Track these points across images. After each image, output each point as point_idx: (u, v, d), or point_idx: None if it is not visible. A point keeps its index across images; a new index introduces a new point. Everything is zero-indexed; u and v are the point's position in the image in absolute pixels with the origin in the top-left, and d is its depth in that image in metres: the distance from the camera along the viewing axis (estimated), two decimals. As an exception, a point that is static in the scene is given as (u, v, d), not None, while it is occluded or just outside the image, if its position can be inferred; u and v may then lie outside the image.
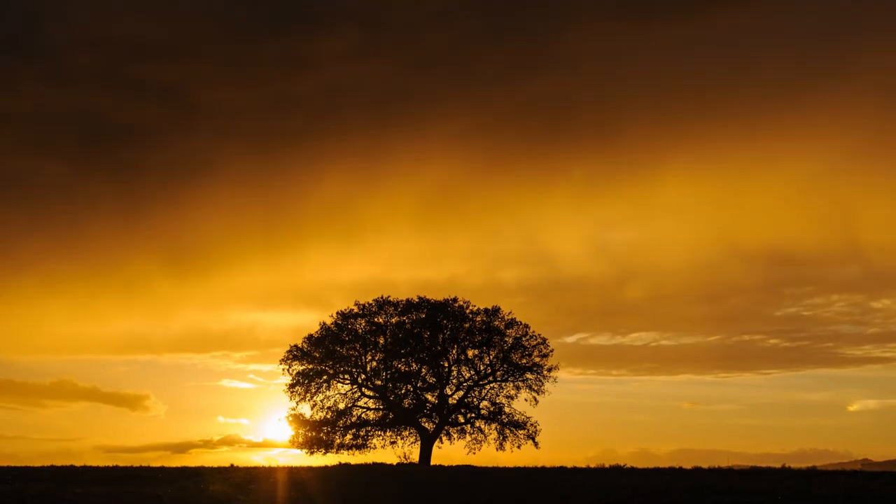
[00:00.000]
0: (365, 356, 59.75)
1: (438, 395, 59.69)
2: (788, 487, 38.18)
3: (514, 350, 59.87)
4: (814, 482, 40.76)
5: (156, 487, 38.38)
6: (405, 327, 59.49)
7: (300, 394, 59.81)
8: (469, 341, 59.80)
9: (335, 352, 59.53)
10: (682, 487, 37.83)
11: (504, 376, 60.15)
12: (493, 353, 59.99)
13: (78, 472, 46.59)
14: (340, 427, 59.40)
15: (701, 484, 39.18)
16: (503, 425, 59.63)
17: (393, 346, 59.18)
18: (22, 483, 40.22)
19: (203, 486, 39.08)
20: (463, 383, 60.14)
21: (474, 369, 60.14)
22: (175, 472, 46.11)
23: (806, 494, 35.51)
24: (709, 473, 46.86)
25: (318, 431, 59.30)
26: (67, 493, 35.93)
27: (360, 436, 59.50)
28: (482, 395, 60.24)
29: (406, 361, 59.56)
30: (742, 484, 39.41)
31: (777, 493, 35.72)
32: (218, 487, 38.62)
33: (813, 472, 49.35)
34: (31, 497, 34.92)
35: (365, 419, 59.87)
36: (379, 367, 59.70)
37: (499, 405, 59.95)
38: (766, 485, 39.25)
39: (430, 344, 59.30)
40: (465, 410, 60.10)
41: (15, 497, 34.92)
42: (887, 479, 42.24)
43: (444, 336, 59.54)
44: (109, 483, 40.65)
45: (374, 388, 59.81)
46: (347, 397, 60.09)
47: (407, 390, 59.48)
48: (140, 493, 36.48)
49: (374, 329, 59.64)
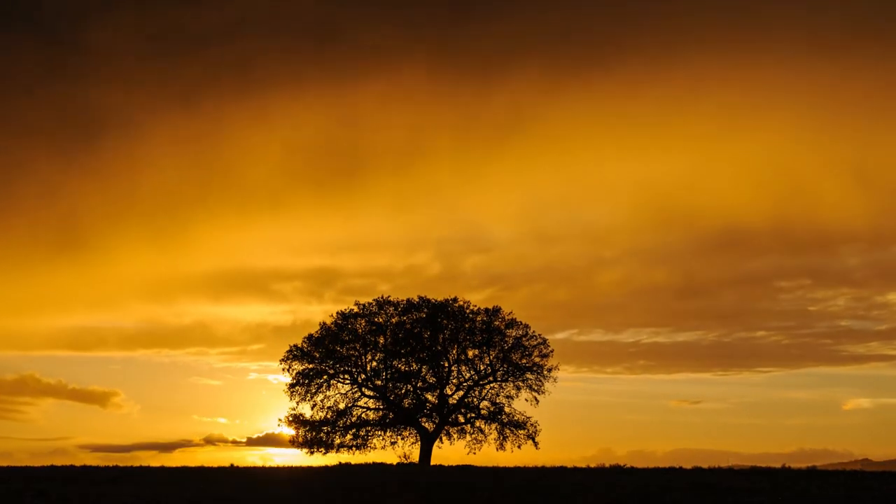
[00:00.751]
0: (365, 356, 59.78)
1: (438, 395, 59.72)
2: (788, 487, 38.15)
3: (515, 350, 59.90)
4: (814, 482, 40.72)
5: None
6: (405, 327, 59.52)
7: (300, 394, 59.88)
8: (469, 341, 59.82)
9: (335, 352, 59.57)
10: (681, 487, 37.81)
11: (504, 376, 60.18)
12: (494, 353, 60.02)
13: (78, 472, 46.60)
14: (340, 427, 59.43)
15: (701, 483, 39.14)
16: (503, 425, 59.67)
17: (393, 346, 59.21)
18: (19, 483, 40.20)
19: (210, 487, 39.06)
20: (463, 383, 60.19)
21: (474, 369, 60.17)
22: (177, 473, 46.11)
23: (806, 494, 35.46)
24: (709, 473, 46.82)
25: (318, 431, 59.33)
26: (68, 492, 35.92)
27: (360, 436, 59.55)
28: (482, 395, 60.31)
29: (406, 361, 59.60)
30: (742, 483, 39.38)
31: (777, 493, 35.68)
32: (226, 488, 38.57)
33: (813, 471, 49.29)
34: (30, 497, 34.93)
35: (365, 419, 59.91)
36: (379, 367, 59.73)
37: (499, 405, 60.01)
38: (766, 484, 39.22)
39: (430, 344, 59.32)
40: (465, 410, 60.13)
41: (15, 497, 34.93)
42: (888, 479, 42.21)
43: (444, 336, 59.55)
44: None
45: (374, 388, 59.84)
46: (347, 397, 60.15)
47: (407, 390, 59.53)
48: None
49: (374, 329, 59.66)
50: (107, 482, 40.78)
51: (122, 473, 45.38)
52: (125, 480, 41.63)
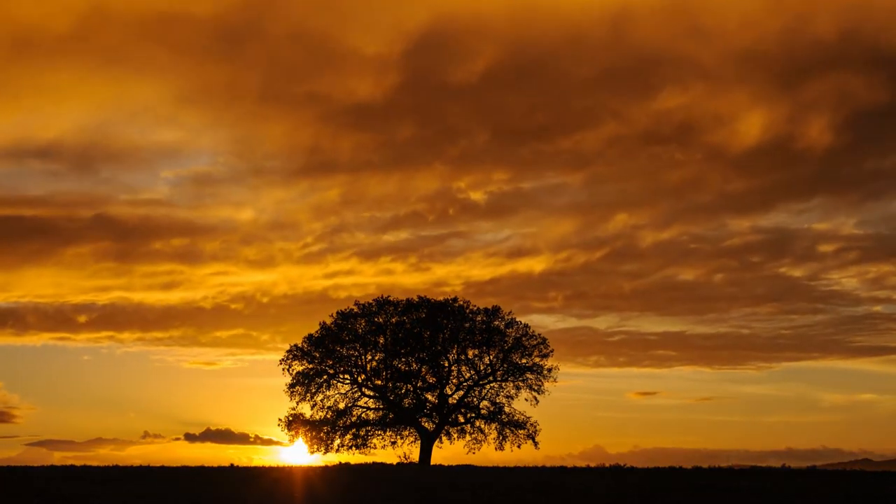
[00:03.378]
0: (365, 356, 59.81)
1: (438, 394, 59.74)
2: (788, 486, 38.19)
3: (514, 350, 59.93)
4: (814, 481, 40.78)
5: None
6: (405, 327, 59.53)
7: (300, 394, 59.89)
8: (469, 341, 59.84)
9: (335, 352, 59.60)
10: (681, 487, 37.85)
11: (504, 376, 60.20)
12: (493, 353, 60.05)
13: (79, 471, 46.59)
14: (340, 427, 59.46)
15: (700, 483, 39.20)
16: (503, 425, 59.70)
17: (393, 346, 59.23)
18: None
19: (211, 486, 39.04)
20: (463, 383, 60.20)
21: (474, 369, 60.19)
22: (177, 473, 46.09)
23: (806, 493, 35.51)
24: (708, 473, 46.89)
25: (318, 431, 59.37)
26: (65, 491, 35.92)
27: (360, 436, 59.57)
28: (482, 395, 60.32)
29: (406, 361, 59.62)
30: (742, 483, 39.43)
31: (777, 493, 35.72)
32: (227, 489, 38.52)
33: (813, 470, 49.38)
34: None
35: (365, 419, 59.93)
36: (379, 367, 59.75)
37: (499, 405, 60.03)
38: (767, 484, 39.27)
39: (430, 344, 59.34)
40: (465, 410, 60.14)
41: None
42: (888, 479, 42.28)
43: (444, 336, 59.56)
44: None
45: (374, 388, 59.86)
46: (347, 397, 60.17)
47: (407, 390, 59.55)
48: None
49: (374, 329, 59.68)
50: (106, 482, 40.79)
51: (123, 473, 45.38)
52: (126, 480, 41.64)
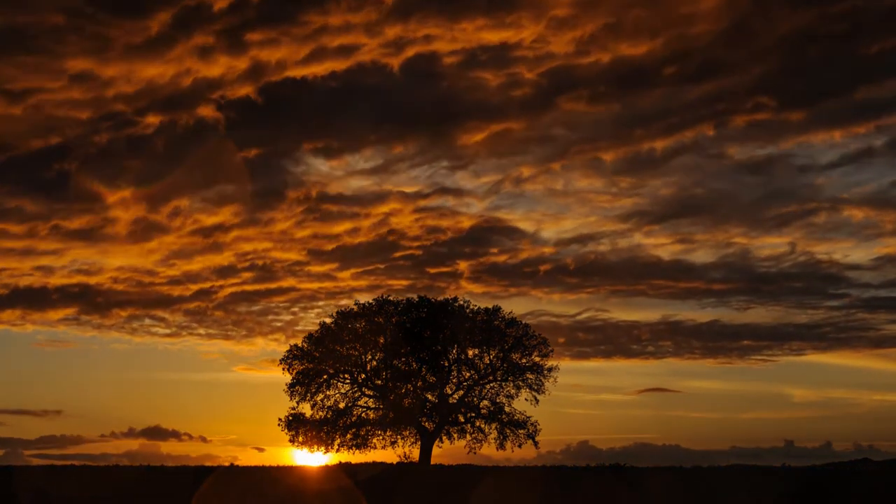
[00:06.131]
0: (365, 356, 59.83)
1: (438, 394, 59.76)
2: (788, 485, 38.26)
3: (515, 350, 59.95)
4: (813, 480, 40.85)
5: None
6: (405, 327, 59.56)
7: (300, 393, 59.91)
8: (469, 341, 59.86)
9: (335, 351, 59.62)
10: (681, 486, 37.94)
11: (504, 376, 60.23)
12: (494, 353, 60.07)
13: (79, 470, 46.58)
14: (340, 427, 59.49)
15: (700, 483, 39.27)
16: (503, 425, 59.72)
17: (393, 346, 59.26)
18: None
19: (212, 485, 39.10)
20: (463, 383, 60.22)
21: (474, 369, 60.21)
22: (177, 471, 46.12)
23: (806, 493, 35.60)
24: (708, 472, 46.92)
25: (319, 431, 59.40)
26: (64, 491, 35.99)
27: (361, 435, 59.58)
28: (482, 395, 60.34)
29: (406, 361, 59.64)
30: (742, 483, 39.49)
31: (777, 492, 35.83)
32: (225, 487, 38.59)
33: (811, 469, 49.46)
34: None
35: (365, 419, 59.95)
36: (379, 367, 59.77)
37: (499, 405, 60.05)
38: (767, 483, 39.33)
39: (430, 343, 59.37)
40: (465, 410, 60.17)
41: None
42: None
43: (444, 336, 59.58)
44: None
45: (374, 388, 59.90)
46: (347, 397, 60.19)
47: (407, 390, 59.56)
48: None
49: (374, 329, 59.71)
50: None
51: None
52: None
